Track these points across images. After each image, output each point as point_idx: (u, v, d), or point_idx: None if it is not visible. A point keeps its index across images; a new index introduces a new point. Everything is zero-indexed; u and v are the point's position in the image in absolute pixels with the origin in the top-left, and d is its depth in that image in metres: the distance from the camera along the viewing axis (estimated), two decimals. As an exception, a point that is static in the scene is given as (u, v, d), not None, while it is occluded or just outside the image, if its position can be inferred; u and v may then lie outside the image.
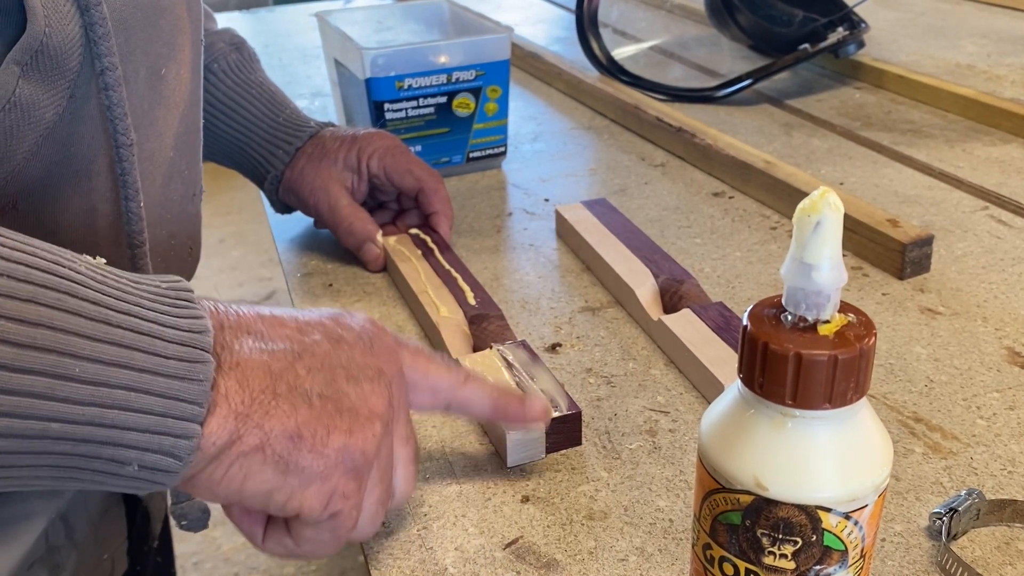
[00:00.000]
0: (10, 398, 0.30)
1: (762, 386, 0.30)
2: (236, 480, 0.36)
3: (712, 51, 1.23)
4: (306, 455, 0.36)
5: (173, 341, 0.33)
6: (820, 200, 0.28)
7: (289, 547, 0.40)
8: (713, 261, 0.71)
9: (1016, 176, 0.83)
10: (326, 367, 0.38)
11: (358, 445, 0.38)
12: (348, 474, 0.38)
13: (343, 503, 0.38)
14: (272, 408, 0.36)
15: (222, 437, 0.34)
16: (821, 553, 0.31)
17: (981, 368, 0.57)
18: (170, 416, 0.33)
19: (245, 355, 0.36)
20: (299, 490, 0.37)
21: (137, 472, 0.33)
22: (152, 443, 0.32)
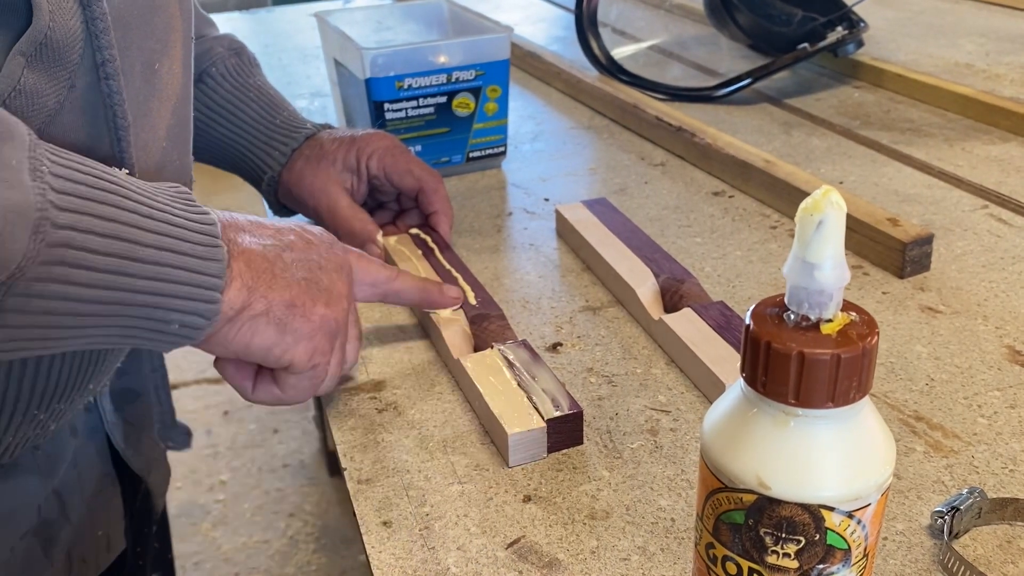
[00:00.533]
0: (97, 275, 0.39)
1: (765, 385, 0.30)
2: (246, 337, 0.46)
3: (711, 50, 1.23)
4: (298, 319, 0.47)
5: (195, 231, 0.43)
6: (823, 199, 0.28)
7: (276, 394, 0.51)
8: (713, 260, 0.71)
9: (1015, 175, 0.83)
10: (304, 258, 0.49)
11: (333, 315, 0.49)
12: (326, 336, 0.49)
13: (321, 358, 0.49)
14: (273, 284, 0.46)
15: (236, 304, 0.45)
16: (824, 552, 0.31)
17: (982, 366, 0.57)
18: (200, 287, 0.42)
19: (246, 246, 0.46)
20: (292, 346, 0.48)
21: (178, 330, 0.43)
22: (188, 307, 0.42)
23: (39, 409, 0.51)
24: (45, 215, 0.36)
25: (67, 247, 0.37)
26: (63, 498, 0.58)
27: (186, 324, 0.43)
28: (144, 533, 0.71)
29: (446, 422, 0.54)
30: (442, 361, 0.60)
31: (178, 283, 0.41)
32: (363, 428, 0.54)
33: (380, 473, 0.50)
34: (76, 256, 0.38)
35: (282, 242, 0.48)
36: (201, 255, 0.42)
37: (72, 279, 0.38)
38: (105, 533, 0.62)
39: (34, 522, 0.56)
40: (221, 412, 2.04)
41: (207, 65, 0.72)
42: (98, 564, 0.62)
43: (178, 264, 0.41)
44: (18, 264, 0.36)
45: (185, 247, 0.42)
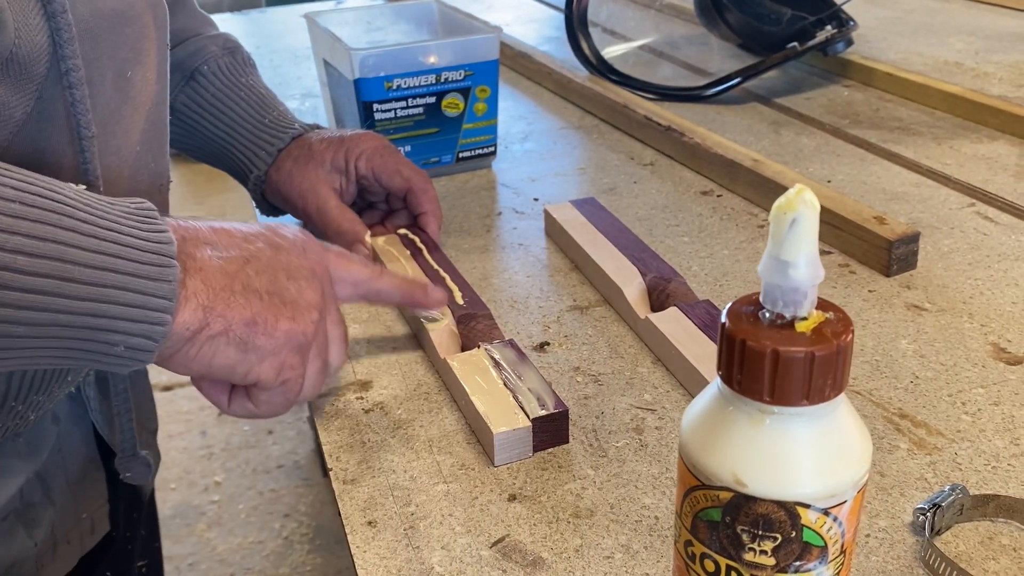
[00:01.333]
0: (28, 296, 0.37)
1: (740, 383, 0.30)
2: (206, 357, 0.44)
3: (701, 50, 1.24)
4: (260, 337, 0.45)
5: (146, 251, 0.41)
6: (796, 198, 0.29)
7: (250, 409, 0.49)
8: (701, 259, 0.71)
9: (1002, 173, 0.83)
10: (270, 269, 0.47)
11: (299, 329, 0.47)
12: (293, 351, 0.47)
13: (290, 373, 0.48)
14: (231, 302, 0.44)
15: (193, 324, 0.43)
16: (801, 549, 0.31)
17: (966, 364, 0.57)
18: (148, 308, 0.41)
19: (205, 261, 0.44)
20: (256, 364, 0.46)
21: (123, 352, 0.41)
22: (134, 329, 0.41)
23: (16, 400, 0.51)
24: None
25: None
26: (46, 482, 0.59)
27: (132, 346, 0.41)
28: (133, 519, 0.72)
29: (432, 422, 0.54)
30: (429, 361, 0.60)
31: (123, 304, 0.40)
32: (349, 429, 0.54)
33: (366, 473, 0.51)
34: (2, 276, 0.37)
35: (247, 252, 0.47)
36: (149, 275, 0.41)
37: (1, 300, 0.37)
38: (89, 516, 0.63)
39: (16, 504, 0.56)
40: (215, 413, 2.03)
41: (199, 63, 0.72)
42: (82, 546, 0.63)
43: (122, 285, 0.40)
44: None
45: (131, 267, 0.40)
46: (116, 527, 0.68)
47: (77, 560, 0.62)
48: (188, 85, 0.72)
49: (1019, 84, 1.03)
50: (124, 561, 0.72)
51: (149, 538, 0.77)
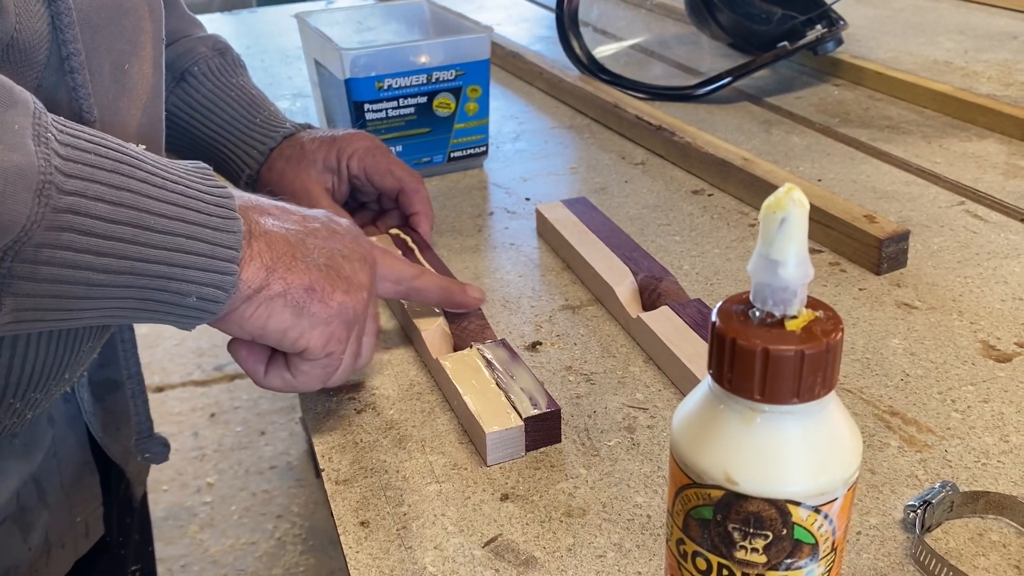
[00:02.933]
0: (108, 243, 0.39)
1: (731, 381, 0.30)
2: (262, 318, 0.46)
3: (692, 49, 1.24)
4: (316, 304, 0.47)
5: (211, 203, 0.43)
6: (785, 197, 0.29)
7: (287, 380, 0.50)
8: (692, 258, 0.71)
9: (992, 171, 0.83)
10: (327, 246, 0.49)
11: (352, 304, 0.49)
12: (343, 324, 0.49)
13: (336, 346, 0.49)
14: (292, 267, 0.47)
15: (255, 283, 0.45)
16: (792, 547, 0.31)
17: (956, 362, 0.58)
18: (216, 258, 0.43)
19: (268, 228, 0.47)
20: (308, 330, 0.48)
21: (196, 303, 0.43)
22: (205, 279, 0.42)
23: (15, 398, 0.52)
24: (49, 179, 0.37)
25: (74, 213, 0.38)
26: (41, 485, 0.59)
27: (204, 297, 0.43)
28: (126, 523, 0.72)
29: (424, 422, 0.55)
30: (421, 361, 0.60)
31: (193, 254, 0.42)
32: (341, 429, 0.54)
33: (358, 474, 0.51)
34: (84, 223, 0.38)
35: (306, 228, 0.49)
36: (217, 227, 0.43)
37: (81, 246, 0.38)
38: (83, 520, 0.63)
39: (12, 508, 0.56)
40: (208, 415, 2.03)
41: (190, 64, 0.72)
42: (76, 550, 0.63)
43: (192, 235, 0.41)
44: (23, 228, 0.36)
45: (200, 218, 0.42)
46: (110, 531, 0.68)
47: (71, 565, 0.62)
48: (178, 86, 0.72)
49: (1008, 83, 1.04)
50: (118, 566, 0.71)
51: (142, 543, 0.77)
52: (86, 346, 0.55)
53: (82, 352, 0.55)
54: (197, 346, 2.24)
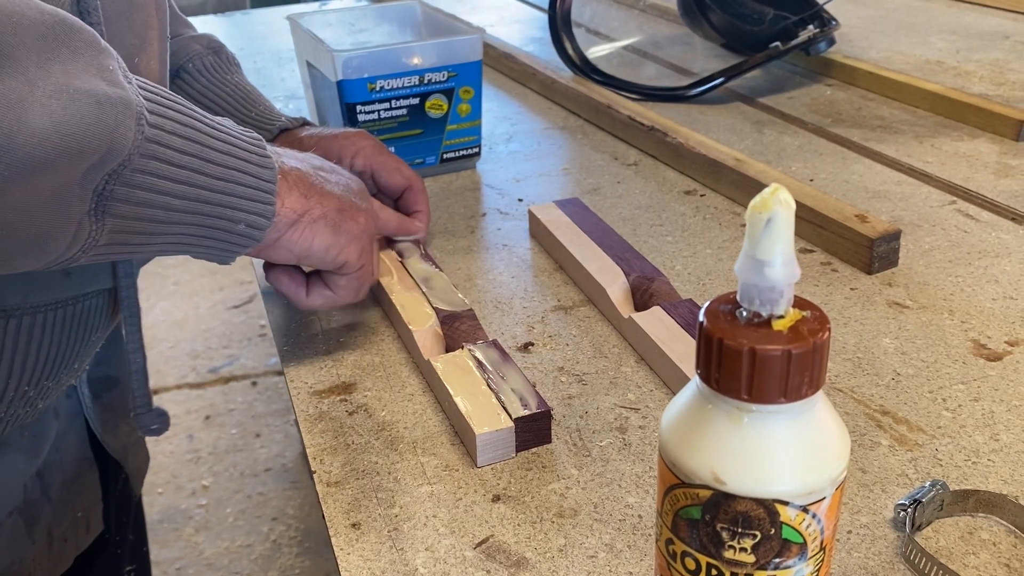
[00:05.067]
0: (182, 172, 0.44)
1: (718, 381, 0.30)
2: (308, 239, 0.52)
3: (685, 50, 1.24)
4: (349, 222, 0.55)
5: (248, 144, 0.48)
6: (771, 197, 0.29)
7: (329, 296, 0.58)
8: (684, 259, 0.72)
9: (983, 171, 0.84)
10: (334, 178, 0.56)
11: (371, 221, 0.58)
12: (369, 239, 0.57)
13: (367, 258, 0.57)
14: (324, 193, 0.54)
15: (299, 208, 0.52)
16: (780, 546, 0.32)
17: (947, 360, 0.58)
18: (260, 190, 0.48)
19: (293, 165, 0.53)
20: (346, 246, 0.55)
21: (244, 230, 0.48)
22: (252, 208, 0.48)
23: (30, 385, 0.53)
24: (141, 112, 0.41)
25: (158, 144, 0.42)
26: (45, 479, 0.60)
27: (251, 224, 0.48)
28: (122, 522, 0.72)
29: (416, 423, 0.54)
30: (413, 362, 0.60)
31: (242, 185, 0.47)
32: (333, 431, 0.54)
33: (349, 475, 0.51)
34: (165, 153, 0.43)
35: (312, 164, 0.56)
36: (257, 163, 0.48)
37: (164, 174, 0.43)
38: (84, 515, 0.64)
39: (20, 501, 0.58)
40: (203, 417, 2.03)
41: (184, 61, 0.72)
42: (77, 544, 0.63)
43: (240, 168, 0.47)
44: (128, 151, 0.41)
45: (244, 155, 0.47)
46: (108, 528, 0.68)
47: (73, 559, 0.63)
48: (173, 83, 0.72)
49: (999, 82, 1.04)
50: (114, 564, 0.72)
51: (137, 542, 0.78)
52: (95, 335, 0.56)
53: (92, 340, 0.56)
54: (191, 348, 2.23)
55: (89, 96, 0.39)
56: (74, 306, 0.53)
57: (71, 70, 0.39)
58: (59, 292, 0.52)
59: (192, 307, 2.40)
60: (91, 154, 0.39)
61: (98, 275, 0.54)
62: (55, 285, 0.51)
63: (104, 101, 0.39)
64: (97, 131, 0.39)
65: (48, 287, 0.51)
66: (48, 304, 0.52)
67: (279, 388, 2.10)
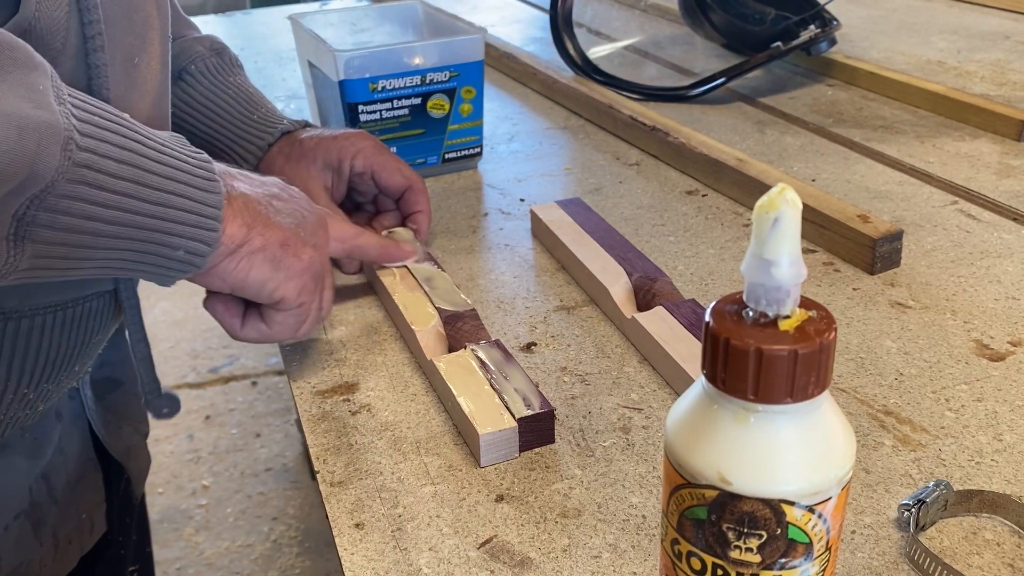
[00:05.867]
0: (115, 197, 0.42)
1: (724, 381, 0.30)
2: (243, 271, 0.50)
3: (686, 50, 1.24)
4: (290, 258, 0.52)
5: (194, 165, 0.47)
6: (778, 197, 0.29)
7: (263, 331, 0.55)
8: (686, 259, 0.72)
9: (985, 171, 0.84)
10: (289, 208, 0.54)
11: (319, 259, 0.55)
12: (313, 277, 0.54)
13: (307, 296, 0.54)
14: (268, 224, 0.51)
15: (238, 238, 0.49)
16: (786, 546, 0.32)
17: (950, 361, 0.58)
18: (202, 215, 0.46)
19: (242, 190, 0.51)
20: (284, 282, 0.52)
21: (183, 256, 0.46)
22: (192, 234, 0.46)
23: (29, 388, 0.53)
24: (71, 136, 0.40)
25: (88, 168, 0.41)
26: (50, 481, 0.60)
27: (191, 251, 0.46)
28: (126, 523, 0.72)
29: (419, 423, 0.54)
30: (416, 362, 0.60)
31: (182, 211, 0.45)
32: (336, 431, 0.54)
33: (353, 475, 0.51)
34: (96, 177, 0.41)
35: (268, 192, 0.54)
36: (201, 187, 0.46)
37: (93, 199, 0.41)
38: (88, 516, 0.64)
39: (26, 504, 0.58)
40: (203, 417, 2.03)
41: (186, 63, 0.72)
42: (82, 546, 0.64)
43: (181, 193, 0.45)
44: (51, 178, 0.39)
45: (187, 178, 0.46)
46: (111, 529, 0.68)
47: (78, 560, 0.63)
48: (176, 85, 0.72)
49: (1001, 82, 1.04)
50: (117, 565, 0.72)
51: (140, 543, 0.78)
52: (96, 337, 0.56)
53: (92, 343, 0.56)
54: (191, 348, 2.23)
55: (10, 120, 0.37)
56: (74, 308, 0.53)
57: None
58: (59, 295, 0.52)
59: (192, 307, 2.40)
60: (9, 180, 0.37)
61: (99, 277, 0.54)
62: (55, 288, 0.51)
63: (26, 125, 0.37)
64: (16, 157, 0.37)
65: (47, 290, 0.51)
66: (48, 307, 0.51)
67: (279, 388, 2.10)
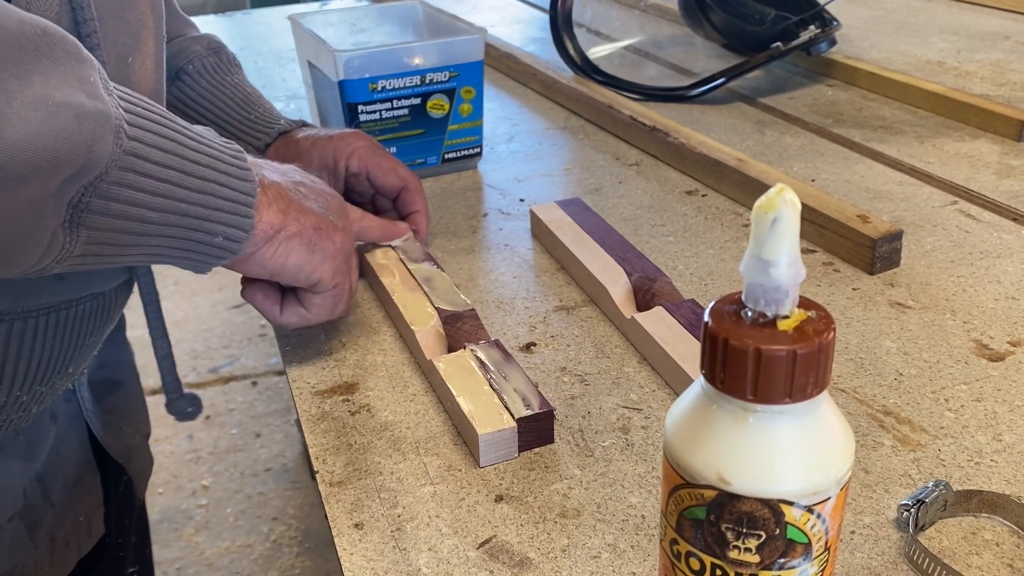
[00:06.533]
0: (161, 184, 0.44)
1: (723, 381, 0.30)
2: (282, 256, 0.52)
3: (686, 50, 1.24)
4: (324, 241, 0.54)
5: (230, 157, 0.48)
6: (777, 197, 0.29)
7: (302, 314, 0.57)
8: (686, 259, 0.72)
9: (984, 171, 0.84)
10: (313, 195, 0.56)
11: (349, 241, 0.57)
12: (345, 258, 0.56)
13: (341, 277, 0.56)
14: (302, 210, 0.53)
15: (276, 224, 0.51)
16: (785, 546, 0.31)
17: (949, 361, 0.58)
18: (238, 203, 0.48)
19: (272, 179, 0.52)
20: (320, 264, 0.54)
21: (222, 243, 0.48)
22: (230, 220, 0.48)
23: (22, 391, 0.52)
24: (121, 125, 0.41)
25: (136, 156, 0.42)
26: (46, 483, 0.60)
27: (228, 237, 0.48)
28: (125, 524, 0.72)
29: (419, 423, 0.54)
30: (415, 362, 0.60)
31: (221, 198, 0.47)
32: (336, 431, 0.54)
33: (352, 475, 0.51)
34: (143, 166, 0.43)
35: (294, 179, 0.55)
36: (236, 175, 0.48)
37: (141, 186, 0.43)
38: (86, 518, 0.64)
39: (20, 506, 0.57)
40: (203, 417, 2.03)
41: (184, 63, 0.72)
42: (80, 548, 0.63)
43: (219, 181, 0.47)
44: (105, 164, 0.40)
45: (223, 167, 0.47)
46: (109, 531, 0.68)
47: (75, 563, 0.63)
48: (173, 84, 0.72)
49: (1000, 83, 1.04)
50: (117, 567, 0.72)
51: (140, 544, 0.77)
52: (89, 340, 0.56)
53: (85, 345, 0.55)
54: (191, 348, 2.23)
55: (68, 109, 0.38)
56: (67, 311, 0.53)
57: (51, 81, 0.38)
58: (51, 297, 0.51)
59: (192, 307, 2.40)
60: (68, 167, 0.39)
61: (91, 280, 0.54)
62: (47, 290, 0.51)
63: (83, 114, 0.39)
64: (75, 145, 0.38)
65: (40, 292, 0.51)
66: (40, 309, 0.51)
67: (279, 388, 2.10)
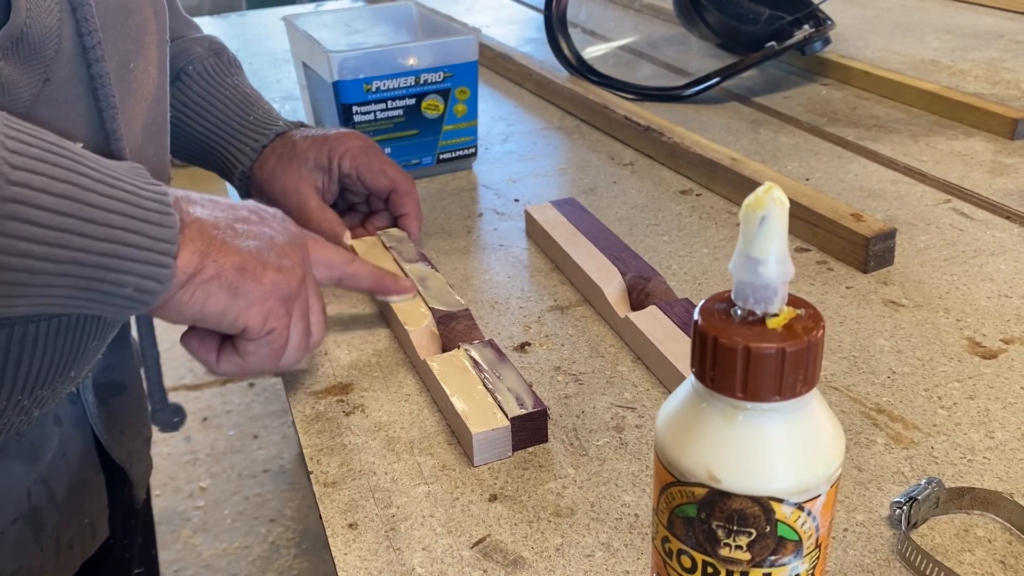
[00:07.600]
0: (51, 233, 0.40)
1: (713, 380, 0.30)
2: (199, 301, 0.47)
3: (680, 50, 1.24)
4: (249, 283, 0.48)
5: (148, 199, 0.44)
6: (765, 196, 0.29)
7: (238, 363, 0.51)
8: (680, 258, 0.72)
9: (978, 169, 0.84)
10: (256, 230, 0.50)
11: (285, 280, 0.50)
12: (279, 301, 0.50)
13: (276, 323, 0.50)
14: (223, 250, 0.47)
15: (189, 268, 0.46)
16: (775, 544, 0.32)
17: (942, 359, 0.58)
18: (153, 251, 0.43)
19: (198, 215, 0.47)
20: (244, 309, 0.48)
21: (132, 294, 0.44)
22: (142, 271, 0.43)
23: (23, 395, 0.52)
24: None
25: (19, 203, 0.39)
26: (51, 485, 0.60)
27: (140, 288, 0.44)
28: (130, 526, 0.72)
29: (413, 423, 0.55)
30: (410, 362, 0.60)
31: (131, 246, 0.43)
32: (330, 431, 0.54)
33: (346, 476, 0.51)
34: (28, 212, 0.39)
35: (235, 215, 0.50)
36: (154, 221, 0.44)
37: (25, 235, 0.39)
38: (90, 520, 0.64)
39: (24, 508, 0.57)
40: (200, 419, 2.03)
41: (184, 64, 0.72)
42: (84, 550, 0.63)
43: (130, 228, 0.43)
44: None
45: (138, 212, 0.43)
46: (114, 533, 0.68)
47: (79, 566, 0.63)
48: (173, 85, 0.72)
49: (994, 81, 1.04)
50: (122, 568, 0.72)
51: (146, 545, 0.77)
52: (91, 344, 0.56)
53: (88, 350, 0.55)
54: (189, 350, 2.23)
55: None
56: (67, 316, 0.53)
57: None
58: None
59: (189, 309, 2.40)
60: None
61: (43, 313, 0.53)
62: None
63: None
64: None
65: None
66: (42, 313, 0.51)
67: (276, 389, 2.10)
